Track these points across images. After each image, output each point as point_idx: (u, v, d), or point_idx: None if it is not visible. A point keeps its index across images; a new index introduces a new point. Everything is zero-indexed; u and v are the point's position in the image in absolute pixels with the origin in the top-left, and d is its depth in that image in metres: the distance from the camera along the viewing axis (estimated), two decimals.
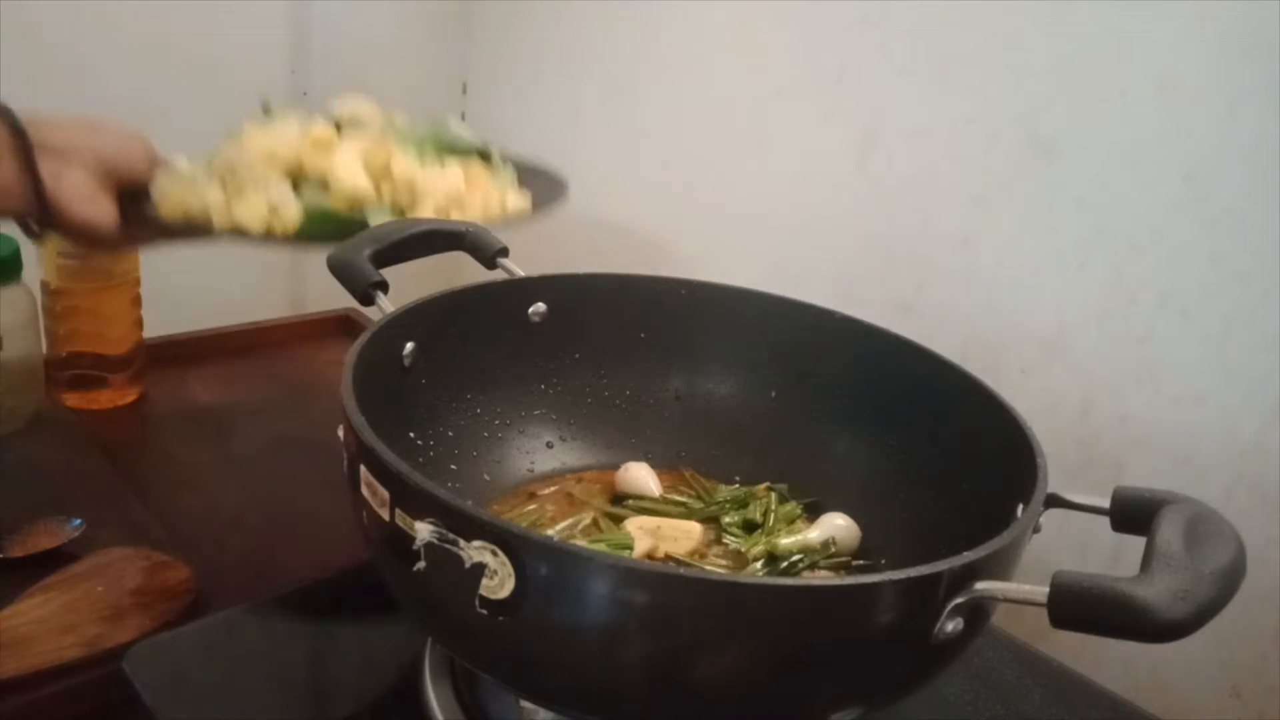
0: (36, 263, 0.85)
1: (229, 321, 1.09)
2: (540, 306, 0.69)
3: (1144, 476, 0.73)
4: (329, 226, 0.73)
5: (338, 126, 0.82)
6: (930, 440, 0.64)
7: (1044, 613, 0.41)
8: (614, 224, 1.14)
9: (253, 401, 0.98)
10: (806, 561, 0.63)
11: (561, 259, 0.74)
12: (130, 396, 0.94)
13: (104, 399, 0.92)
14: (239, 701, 0.57)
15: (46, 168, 0.66)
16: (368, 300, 0.62)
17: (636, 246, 1.12)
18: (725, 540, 0.66)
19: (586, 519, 0.66)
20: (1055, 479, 0.51)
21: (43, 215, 0.67)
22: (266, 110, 0.82)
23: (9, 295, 0.81)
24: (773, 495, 0.69)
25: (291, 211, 0.74)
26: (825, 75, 0.91)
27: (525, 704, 0.55)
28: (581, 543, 0.60)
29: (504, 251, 0.69)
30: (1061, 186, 0.77)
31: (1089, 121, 0.75)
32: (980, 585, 0.42)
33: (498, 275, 0.69)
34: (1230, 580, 0.41)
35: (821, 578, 0.61)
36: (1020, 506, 0.49)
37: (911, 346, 0.66)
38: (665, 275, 0.72)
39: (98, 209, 0.69)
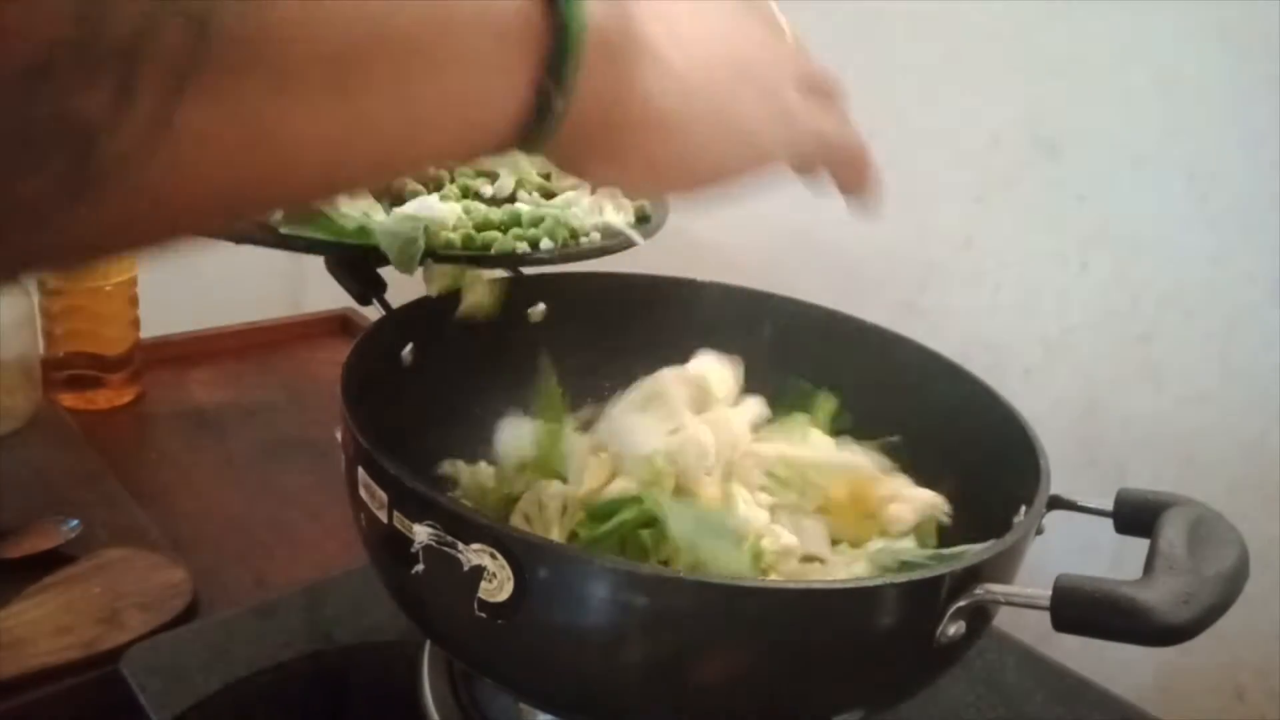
0: None
1: (227, 321, 1.08)
2: (540, 306, 0.69)
3: (1147, 477, 0.73)
4: None
5: None
6: (932, 441, 0.63)
7: (1047, 615, 0.41)
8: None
9: (251, 402, 0.97)
10: None
11: None
12: (127, 397, 0.93)
13: (101, 399, 0.92)
14: (236, 703, 0.57)
15: None
16: (366, 300, 0.62)
17: (636, 247, 1.11)
18: None
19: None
20: (1058, 480, 0.50)
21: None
22: None
23: (5, 295, 0.80)
24: None
25: None
26: None
27: (524, 705, 0.55)
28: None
29: None
30: (1064, 186, 0.77)
31: (1091, 121, 0.74)
32: (982, 588, 0.42)
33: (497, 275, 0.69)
34: (1233, 583, 0.41)
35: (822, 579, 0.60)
36: (1023, 508, 0.49)
37: (913, 347, 0.65)
38: (665, 275, 0.72)
39: None
